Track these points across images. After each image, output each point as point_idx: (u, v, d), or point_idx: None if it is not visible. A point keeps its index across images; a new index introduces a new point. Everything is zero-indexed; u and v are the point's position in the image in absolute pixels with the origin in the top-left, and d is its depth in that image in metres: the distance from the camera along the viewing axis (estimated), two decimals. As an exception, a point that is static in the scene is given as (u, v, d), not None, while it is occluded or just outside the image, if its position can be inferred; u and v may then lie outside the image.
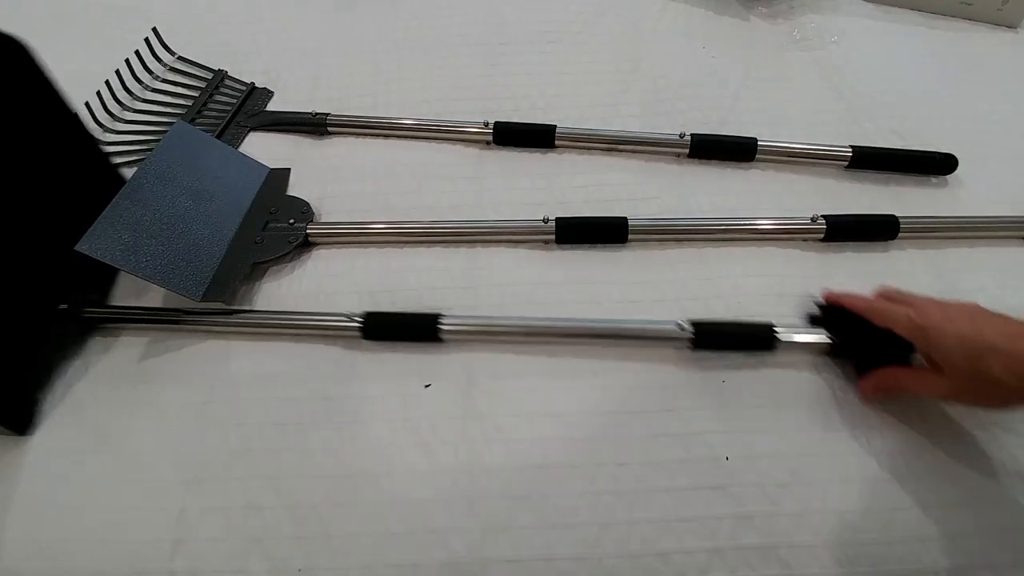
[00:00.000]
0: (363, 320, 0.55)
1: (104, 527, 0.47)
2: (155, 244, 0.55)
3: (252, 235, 0.62)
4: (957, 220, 0.64)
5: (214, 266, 0.58)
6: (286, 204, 0.66)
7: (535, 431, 0.51)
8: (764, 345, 0.53)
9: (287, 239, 0.62)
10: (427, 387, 0.53)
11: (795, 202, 0.66)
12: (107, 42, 0.83)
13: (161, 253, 0.55)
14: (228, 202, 0.63)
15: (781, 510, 0.47)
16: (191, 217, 0.59)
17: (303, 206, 0.65)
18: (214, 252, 0.59)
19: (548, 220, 0.62)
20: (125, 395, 0.54)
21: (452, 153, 0.73)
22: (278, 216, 0.64)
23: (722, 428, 0.51)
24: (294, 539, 0.46)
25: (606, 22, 0.89)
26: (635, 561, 0.45)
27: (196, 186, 0.61)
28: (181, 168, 0.61)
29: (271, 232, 0.63)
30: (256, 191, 0.66)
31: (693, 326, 0.53)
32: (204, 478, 0.49)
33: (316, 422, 0.52)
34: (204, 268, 0.57)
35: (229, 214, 0.63)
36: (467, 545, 0.46)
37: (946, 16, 0.88)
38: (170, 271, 0.55)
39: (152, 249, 0.55)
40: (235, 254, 0.60)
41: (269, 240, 0.62)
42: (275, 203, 0.66)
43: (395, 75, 0.82)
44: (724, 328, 0.55)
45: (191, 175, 0.62)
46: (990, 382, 0.42)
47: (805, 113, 0.76)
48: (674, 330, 0.53)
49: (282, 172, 0.70)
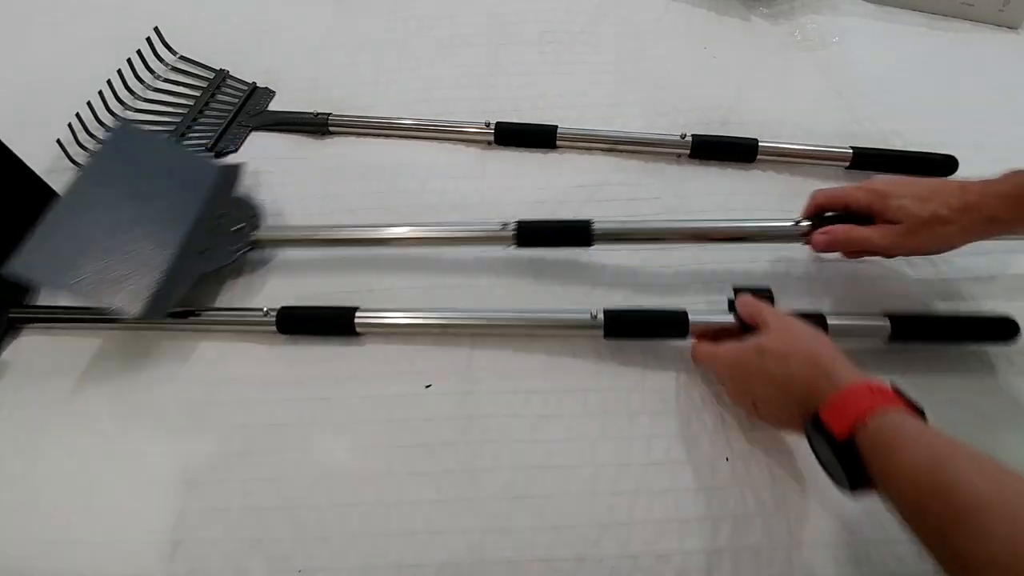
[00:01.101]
0: (277, 313, 0.55)
1: (105, 528, 0.47)
2: (91, 259, 0.52)
3: (198, 242, 0.58)
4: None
5: (155, 280, 0.54)
6: (236, 206, 0.61)
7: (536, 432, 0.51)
8: (677, 332, 0.52)
9: (234, 247, 0.58)
10: (428, 387, 0.53)
11: (796, 203, 0.66)
12: (109, 41, 0.83)
13: (98, 269, 0.52)
14: (175, 206, 0.59)
15: (782, 510, 0.47)
16: (133, 226, 0.56)
17: (252, 209, 0.62)
18: (156, 264, 0.55)
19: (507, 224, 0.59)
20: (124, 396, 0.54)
21: (453, 153, 0.73)
22: (227, 220, 0.60)
23: (722, 428, 0.51)
24: (294, 540, 0.46)
25: (607, 22, 0.89)
26: (635, 562, 0.45)
27: (139, 191, 0.58)
28: (123, 172, 0.58)
29: (217, 238, 0.59)
30: (206, 190, 0.62)
31: (605, 314, 0.53)
32: (204, 479, 0.49)
33: (313, 421, 0.52)
34: (144, 282, 0.54)
35: (175, 219, 0.58)
36: (467, 546, 0.46)
37: (947, 17, 0.88)
38: (106, 287, 0.52)
39: (88, 265, 0.52)
40: (179, 264, 0.56)
41: (214, 248, 0.58)
42: (225, 204, 0.61)
43: (397, 75, 0.82)
44: (636, 316, 0.54)
45: (134, 179, 0.58)
46: (939, 220, 0.49)
47: (806, 114, 0.75)
48: (586, 319, 0.53)
49: (233, 168, 0.65)
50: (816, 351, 0.44)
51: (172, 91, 0.80)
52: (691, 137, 0.70)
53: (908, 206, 0.50)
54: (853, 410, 0.38)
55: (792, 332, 0.46)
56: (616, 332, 0.53)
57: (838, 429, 0.38)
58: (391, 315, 0.56)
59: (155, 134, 0.64)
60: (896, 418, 0.37)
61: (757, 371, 0.46)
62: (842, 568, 0.44)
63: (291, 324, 0.55)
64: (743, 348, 0.47)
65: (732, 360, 0.49)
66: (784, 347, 0.45)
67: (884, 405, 0.38)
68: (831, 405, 0.40)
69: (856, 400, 0.39)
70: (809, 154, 0.69)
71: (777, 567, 0.45)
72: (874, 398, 0.38)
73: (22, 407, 0.54)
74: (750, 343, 0.47)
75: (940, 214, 0.49)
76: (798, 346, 0.45)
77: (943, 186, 0.51)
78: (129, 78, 0.80)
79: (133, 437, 0.52)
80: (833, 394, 0.40)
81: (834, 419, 0.39)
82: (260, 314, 0.56)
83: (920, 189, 0.51)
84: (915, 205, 0.50)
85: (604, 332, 0.53)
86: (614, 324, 0.53)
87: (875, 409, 0.37)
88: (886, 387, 0.40)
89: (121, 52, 0.80)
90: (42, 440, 0.52)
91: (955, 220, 0.49)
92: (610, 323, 0.53)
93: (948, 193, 0.50)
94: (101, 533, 0.47)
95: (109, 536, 0.47)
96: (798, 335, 0.46)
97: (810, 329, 0.47)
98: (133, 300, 0.52)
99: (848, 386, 0.40)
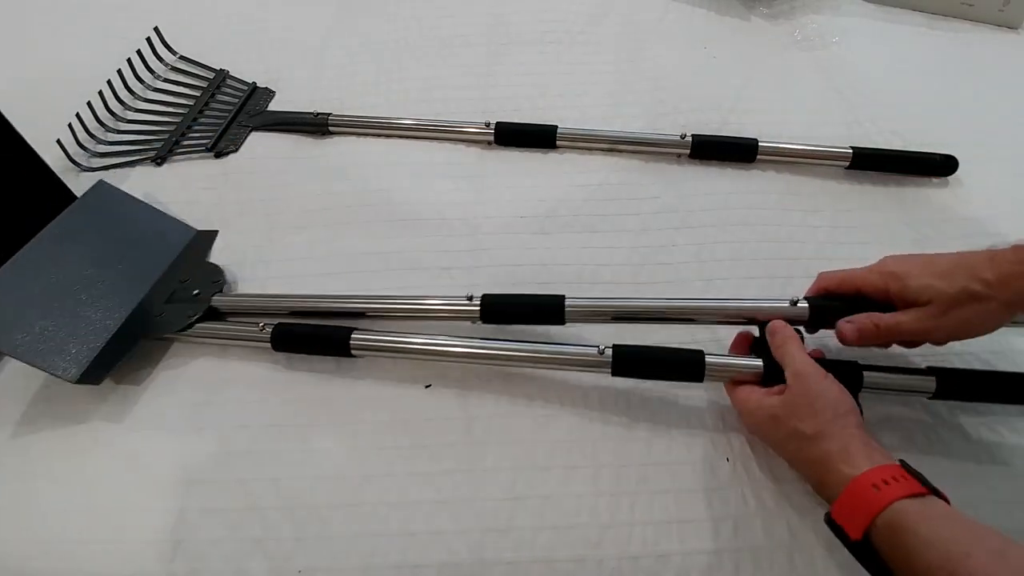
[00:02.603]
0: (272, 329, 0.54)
1: (105, 528, 0.47)
2: (37, 318, 0.52)
3: (154, 307, 0.58)
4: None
5: (99, 346, 0.53)
6: (200, 271, 0.61)
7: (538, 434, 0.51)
8: (692, 374, 0.49)
9: (187, 313, 0.57)
10: (427, 387, 0.53)
11: (795, 203, 0.66)
12: (109, 41, 0.83)
13: (43, 328, 0.52)
14: (138, 270, 0.59)
15: (782, 511, 0.47)
16: (88, 287, 0.56)
17: (216, 275, 0.60)
18: (104, 329, 0.54)
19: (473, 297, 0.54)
20: (124, 397, 0.54)
21: (454, 153, 0.73)
22: (187, 285, 0.59)
23: (723, 428, 0.51)
24: (294, 540, 0.46)
25: (607, 22, 0.89)
26: (635, 563, 0.45)
27: (104, 252, 0.58)
28: (91, 233, 0.59)
29: (174, 304, 0.58)
30: (175, 256, 0.62)
31: (613, 350, 0.49)
32: (204, 479, 0.49)
33: (313, 421, 0.52)
34: (88, 346, 0.53)
35: (135, 283, 0.58)
36: (468, 546, 0.46)
37: (947, 17, 0.88)
38: (47, 348, 0.52)
39: (33, 324, 0.52)
40: (129, 329, 0.55)
41: (169, 313, 0.57)
42: (190, 270, 0.61)
43: (397, 75, 0.82)
44: (648, 354, 0.50)
45: (101, 240, 0.59)
46: (973, 296, 0.43)
47: (806, 114, 0.76)
48: (593, 355, 0.50)
49: (208, 235, 0.65)
50: (827, 432, 0.42)
51: (172, 91, 0.80)
52: (691, 137, 0.70)
53: (932, 284, 0.44)
54: (861, 509, 0.37)
55: (809, 402, 0.43)
56: (624, 371, 0.50)
57: (850, 531, 0.38)
58: (387, 339, 0.53)
59: (132, 197, 0.64)
60: (905, 511, 0.36)
61: (771, 437, 0.46)
62: (843, 569, 0.44)
63: (286, 342, 0.55)
64: (760, 409, 0.46)
65: (748, 416, 0.47)
66: (796, 422, 0.43)
67: (892, 499, 0.37)
68: (841, 503, 0.39)
69: (865, 496, 0.38)
70: (809, 154, 0.69)
71: (778, 568, 0.44)
72: (882, 494, 0.37)
73: (23, 407, 0.53)
74: (765, 407, 0.45)
75: (972, 289, 0.43)
76: (808, 428, 0.42)
77: (967, 259, 0.45)
78: (129, 78, 0.80)
79: (133, 437, 0.52)
80: (842, 490, 0.39)
81: (845, 520, 0.38)
82: (256, 329, 0.55)
83: (941, 266, 0.45)
84: (939, 282, 0.44)
85: (612, 370, 0.50)
86: (623, 362, 0.49)
87: (883, 506, 0.36)
88: (895, 469, 0.39)
89: (121, 52, 0.81)
90: (42, 440, 0.52)
91: (992, 296, 0.43)
92: (618, 361, 0.49)
93: (975, 266, 0.44)
94: (101, 533, 0.47)
95: (109, 536, 0.47)
96: (815, 407, 0.43)
97: (831, 395, 0.43)
98: (72, 364, 0.52)
99: (855, 480, 0.39)
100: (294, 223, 0.66)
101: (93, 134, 0.74)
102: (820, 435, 0.42)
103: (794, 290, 0.52)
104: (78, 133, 0.72)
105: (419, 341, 0.53)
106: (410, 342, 0.53)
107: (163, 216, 0.65)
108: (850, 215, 0.65)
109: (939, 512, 0.37)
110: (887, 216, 0.66)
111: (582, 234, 0.64)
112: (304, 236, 0.65)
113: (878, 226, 0.65)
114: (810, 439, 0.42)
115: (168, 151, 0.73)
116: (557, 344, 0.52)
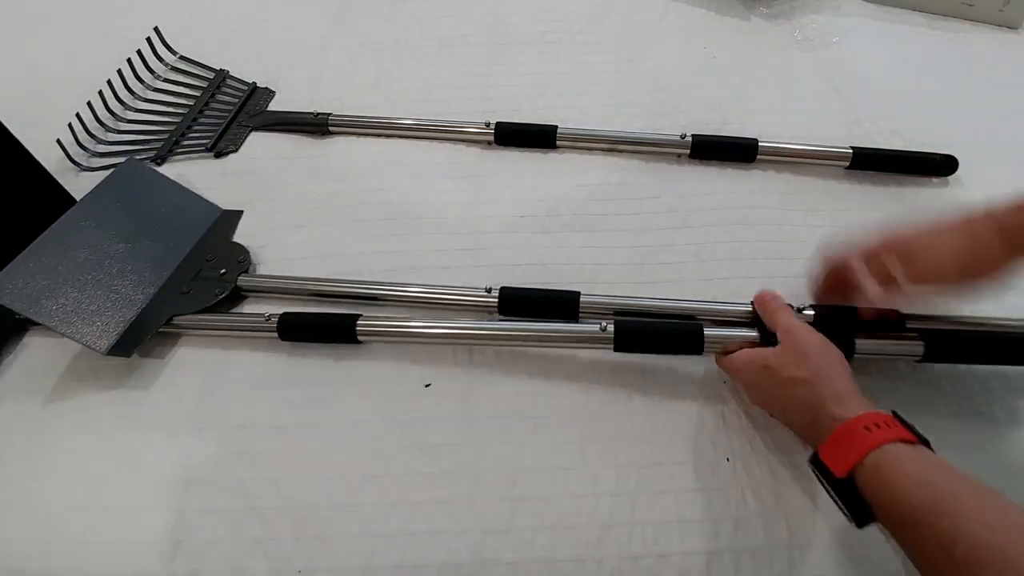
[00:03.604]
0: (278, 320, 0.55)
1: (104, 528, 0.47)
2: (70, 291, 0.53)
3: (181, 284, 0.59)
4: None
5: (129, 319, 0.55)
6: (226, 250, 0.62)
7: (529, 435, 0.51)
8: (692, 347, 0.51)
9: (213, 291, 0.58)
10: (427, 387, 0.53)
11: (795, 203, 0.66)
12: (109, 41, 0.83)
13: (75, 300, 0.53)
14: (166, 246, 0.60)
15: (782, 511, 0.47)
16: (119, 263, 0.57)
17: (241, 254, 0.61)
18: (134, 302, 0.56)
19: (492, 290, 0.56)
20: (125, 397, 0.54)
21: (454, 153, 0.73)
22: (213, 264, 0.60)
23: (723, 428, 0.51)
24: (294, 540, 0.46)
25: (607, 22, 0.89)
26: (636, 563, 0.45)
27: (133, 228, 0.59)
28: (121, 209, 0.59)
29: (200, 281, 0.59)
30: (201, 234, 0.63)
31: (615, 326, 0.51)
32: (204, 479, 0.49)
33: (314, 421, 0.52)
34: (118, 320, 0.54)
35: (163, 260, 0.59)
36: (468, 546, 0.46)
37: (947, 17, 0.88)
38: (79, 320, 0.53)
39: (66, 296, 0.53)
40: (157, 305, 0.57)
41: (196, 290, 0.58)
42: (216, 249, 0.62)
43: (397, 75, 0.82)
44: (648, 328, 0.52)
45: (130, 217, 0.59)
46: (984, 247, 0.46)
47: (806, 114, 0.76)
48: (595, 332, 0.51)
49: (233, 215, 0.66)
50: (820, 377, 0.43)
51: (172, 91, 0.80)
52: (691, 137, 0.70)
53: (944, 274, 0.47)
54: (851, 448, 0.38)
55: (801, 351, 0.45)
56: (626, 346, 0.51)
57: (836, 468, 0.38)
58: (394, 323, 0.55)
59: (162, 176, 0.65)
60: (895, 454, 0.37)
61: (765, 388, 0.47)
62: (843, 569, 0.44)
63: (292, 331, 0.55)
64: (753, 361, 0.47)
65: (743, 371, 0.49)
66: (789, 370, 0.44)
67: (883, 441, 0.37)
68: (829, 443, 0.40)
69: (854, 437, 0.38)
70: (809, 154, 0.69)
71: (778, 568, 0.44)
72: (873, 435, 0.38)
73: (23, 407, 0.53)
74: (759, 358, 0.47)
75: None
76: (801, 373, 0.44)
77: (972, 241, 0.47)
78: (129, 78, 0.80)
79: (133, 437, 0.52)
80: (832, 431, 0.40)
81: (832, 458, 0.39)
82: (262, 320, 0.56)
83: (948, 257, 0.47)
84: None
85: (614, 346, 0.51)
86: (624, 338, 0.51)
87: (873, 446, 0.37)
88: (887, 417, 0.39)
89: (121, 52, 0.81)
90: (43, 440, 0.52)
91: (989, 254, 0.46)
92: (620, 336, 0.51)
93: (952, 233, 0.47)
94: (101, 533, 0.47)
95: (109, 536, 0.47)
96: (807, 355, 0.44)
97: (821, 346, 0.45)
98: (103, 336, 0.53)
99: (847, 422, 0.39)
100: (294, 223, 0.66)
101: (93, 134, 0.74)
102: (814, 378, 0.43)
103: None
104: (78, 133, 0.72)
105: (423, 325, 0.54)
106: (414, 327, 0.54)
107: (190, 194, 0.66)
108: (850, 215, 0.65)
109: (928, 458, 0.37)
110: (887, 216, 0.65)
111: (582, 234, 0.64)
112: (304, 236, 0.65)
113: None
114: (804, 382, 0.43)
115: (168, 151, 0.73)
116: (561, 323, 0.54)
